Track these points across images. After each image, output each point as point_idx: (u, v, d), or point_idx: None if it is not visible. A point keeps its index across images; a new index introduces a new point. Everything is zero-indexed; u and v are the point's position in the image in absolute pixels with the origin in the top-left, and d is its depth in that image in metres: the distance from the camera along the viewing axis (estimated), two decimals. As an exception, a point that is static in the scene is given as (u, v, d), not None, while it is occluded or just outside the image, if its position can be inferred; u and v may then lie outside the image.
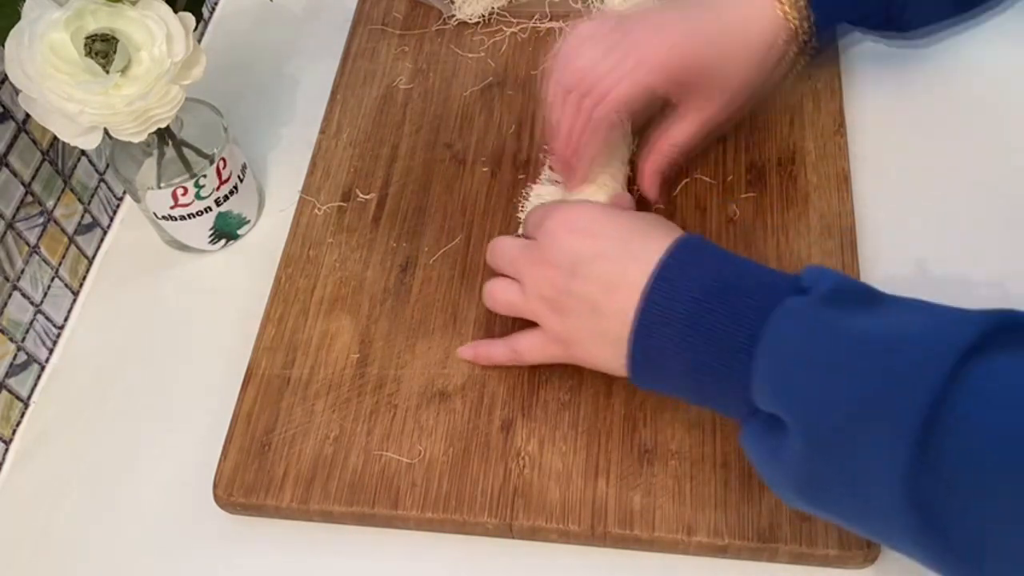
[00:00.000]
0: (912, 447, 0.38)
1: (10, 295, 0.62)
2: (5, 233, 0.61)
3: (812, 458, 0.42)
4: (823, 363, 0.42)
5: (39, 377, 0.65)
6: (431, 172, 0.68)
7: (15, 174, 0.62)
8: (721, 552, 0.52)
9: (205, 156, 0.64)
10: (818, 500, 0.44)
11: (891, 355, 0.40)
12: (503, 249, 0.57)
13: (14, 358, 0.63)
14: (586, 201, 0.58)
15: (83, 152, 0.69)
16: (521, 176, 0.67)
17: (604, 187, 0.60)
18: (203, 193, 0.64)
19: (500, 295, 0.56)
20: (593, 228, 0.52)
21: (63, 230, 0.67)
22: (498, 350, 0.58)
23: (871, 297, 0.45)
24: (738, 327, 0.45)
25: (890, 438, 0.39)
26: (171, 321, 0.66)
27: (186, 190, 0.63)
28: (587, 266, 0.51)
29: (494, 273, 0.57)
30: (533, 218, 0.56)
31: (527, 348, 0.56)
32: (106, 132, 0.56)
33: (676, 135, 0.61)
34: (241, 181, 0.67)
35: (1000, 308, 0.40)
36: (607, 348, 0.50)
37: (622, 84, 0.57)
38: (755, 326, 0.44)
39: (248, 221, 0.69)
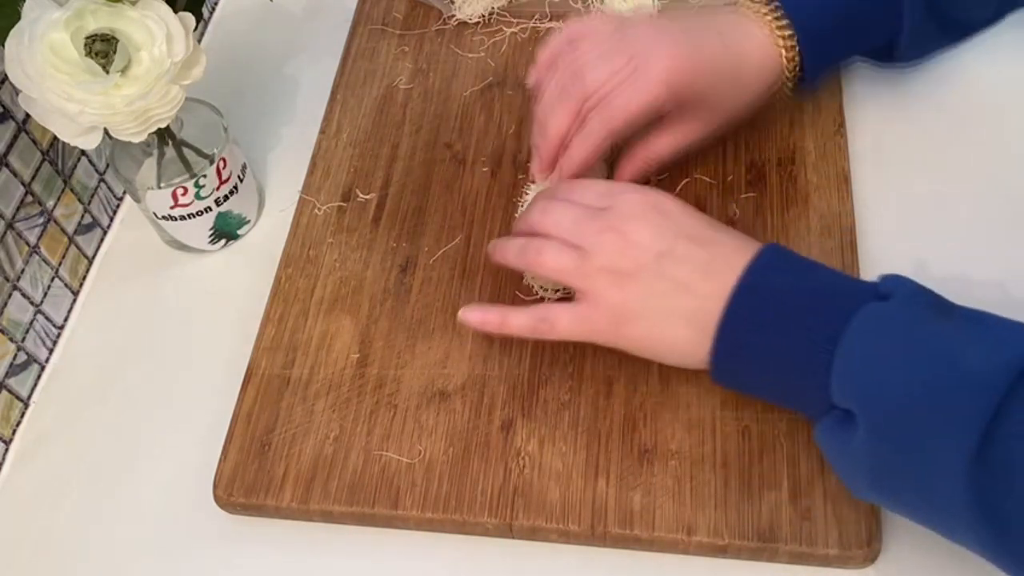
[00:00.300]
0: (975, 447, 0.40)
1: (10, 295, 0.62)
2: (5, 233, 0.61)
3: (879, 451, 0.44)
4: (896, 361, 0.44)
5: (39, 377, 0.65)
6: (431, 172, 0.68)
7: (15, 174, 0.62)
8: (721, 552, 0.52)
9: (205, 156, 0.64)
10: (887, 492, 0.46)
11: (960, 358, 0.42)
12: (560, 215, 0.54)
13: (14, 358, 0.63)
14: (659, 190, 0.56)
15: (83, 152, 0.69)
16: (521, 176, 0.67)
17: None
18: (203, 193, 0.64)
19: (551, 259, 0.53)
20: (685, 212, 0.53)
21: (63, 230, 0.67)
22: (519, 319, 0.54)
23: (944, 305, 0.47)
24: (824, 326, 0.47)
25: (955, 436, 0.41)
26: (171, 321, 0.66)
27: (186, 190, 0.63)
28: (684, 247, 0.51)
29: (493, 271, 0.57)
30: (593, 190, 0.55)
31: (564, 320, 0.53)
32: (106, 132, 0.56)
33: (659, 149, 0.61)
34: (241, 181, 0.67)
35: None
36: (684, 328, 0.51)
37: (629, 96, 0.56)
38: (838, 326, 0.46)
39: (248, 221, 0.69)
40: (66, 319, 0.68)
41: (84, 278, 0.70)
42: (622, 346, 0.54)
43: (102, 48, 0.53)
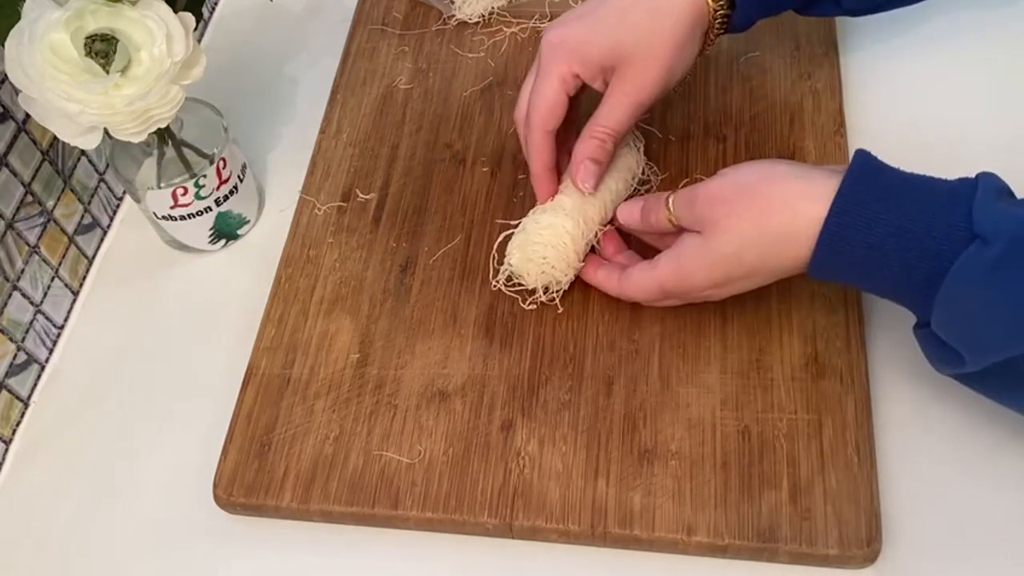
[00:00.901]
0: None
1: (10, 295, 0.62)
2: (5, 233, 0.61)
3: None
4: (1000, 321, 0.45)
5: (39, 377, 0.65)
6: (431, 172, 0.68)
7: (15, 174, 0.62)
8: (721, 552, 0.52)
9: (205, 156, 0.64)
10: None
11: None
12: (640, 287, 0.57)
13: (14, 358, 0.63)
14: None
15: (83, 152, 0.69)
16: (521, 176, 0.67)
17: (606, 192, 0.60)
18: (203, 193, 0.64)
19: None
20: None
21: (63, 230, 0.67)
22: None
23: None
24: (916, 271, 0.47)
25: None
26: (171, 321, 0.66)
27: (186, 190, 0.63)
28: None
29: (493, 271, 0.57)
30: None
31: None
32: (106, 132, 0.56)
33: (602, 117, 0.58)
34: (241, 181, 0.67)
35: None
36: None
37: (534, 98, 0.58)
38: (934, 271, 0.46)
39: (248, 221, 0.69)
40: (66, 319, 0.68)
41: (84, 278, 0.70)
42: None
43: (102, 48, 0.53)
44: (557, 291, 0.60)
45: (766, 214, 0.50)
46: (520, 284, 0.60)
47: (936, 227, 0.46)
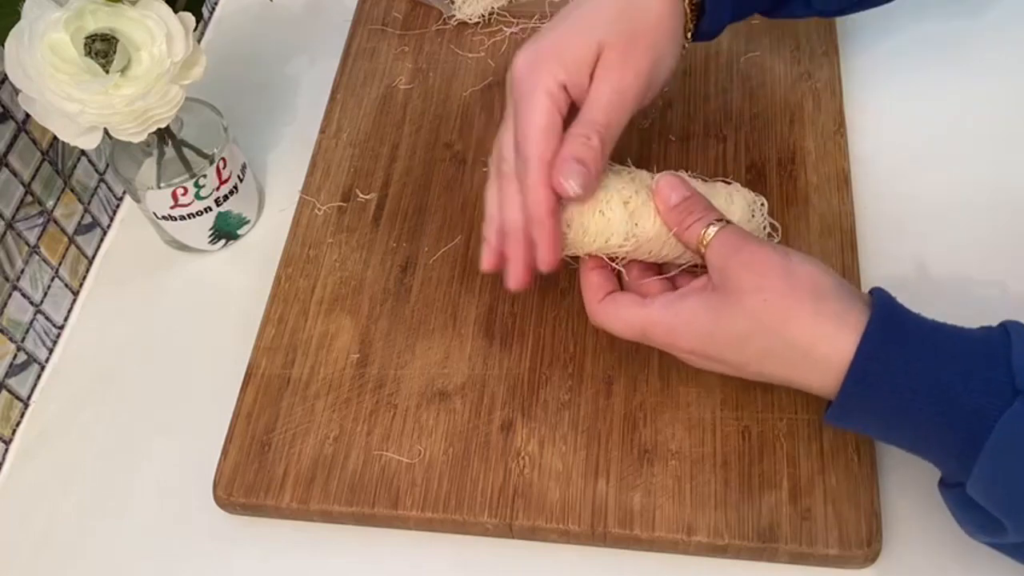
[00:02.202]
0: None
1: (10, 295, 0.62)
2: (5, 233, 0.61)
3: None
4: None
5: (39, 377, 0.65)
6: (431, 172, 0.68)
7: (15, 174, 0.62)
8: (721, 552, 0.52)
9: (205, 156, 0.64)
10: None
11: None
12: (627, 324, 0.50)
13: (14, 358, 0.63)
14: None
15: (83, 152, 0.69)
16: (521, 176, 0.67)
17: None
18: (203, 193, 0.64)
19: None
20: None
21: (63, 230, 0.67)
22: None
23: None
24: (954, 429, 0.43)
25: None
26: (171, 321, 0.66)
27: (186, 190, 0.63)
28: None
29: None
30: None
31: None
32: (106, 132, 0.56)
33: (584, 111, 0.51)
34: (241, 181, 0.67)
35: None
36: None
37: (523, 125, 0.50)
38: (974, 429, 0.42)
39: (248, 221, 0.69)
40: (66, 319, 0.68)
41: (84, 278, 0.70)
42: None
43: (102, 48, 0.53)
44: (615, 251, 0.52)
45: (792, 318, 0.45)
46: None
47: (973, 381, 0.42)
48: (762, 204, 0.54)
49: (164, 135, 0.62)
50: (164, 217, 0.65)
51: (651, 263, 0.53)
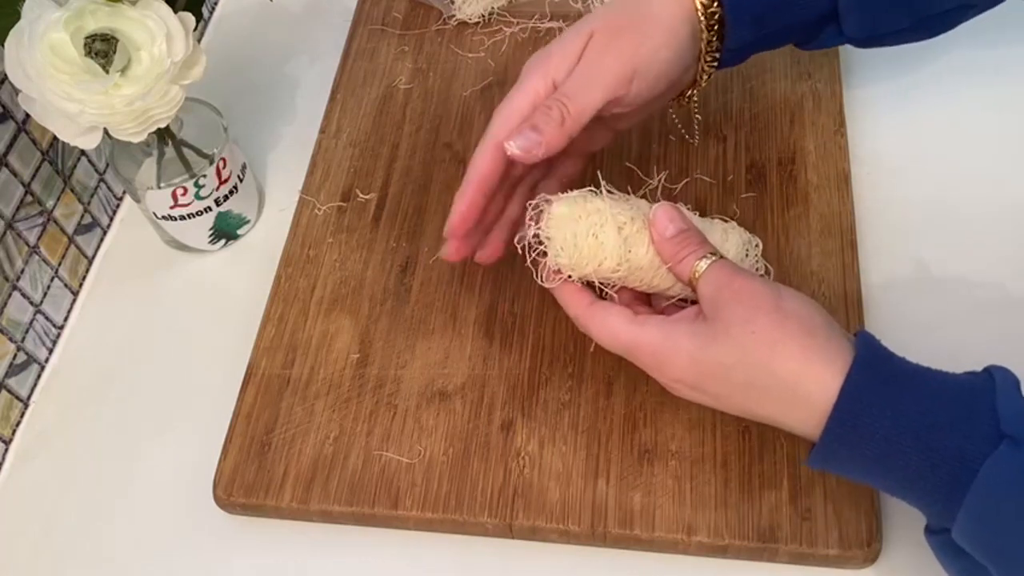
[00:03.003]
0: None
1: (10, 295, 0.62)
2: (5, 233, 0.61)
3: None
4: None
5: (39, 377, 0.65)
6: (431, 172, 0.68)
7: (15, 174, 0.62)
8: (721, 552, 0.52)
9: (205, 156, 0.64)
10: None
11: None
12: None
13: (14, 358, 0.63)
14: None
15: (83, 152, 0.69)
16: (521, 176, 0.67)
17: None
18: (203, 193, 0.64)
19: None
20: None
21: (63, 230, 0.67)
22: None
23: None
24: (938, 472, 0.42)
25: None
26: (171, 321, 0.66)
27: (186, 190, 0.63)
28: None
29: (493, 272, 0.57)
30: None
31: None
32: (106, 132, 0.56)
33: (562, 85, 0.52)
34: (241, 181, 0.67)
35: None
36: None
37: (500, 107, 0.53)
38: (958, 473, 0.42)
39: (248, 221, 0.69)
40: (66, 319, 0.68)
41: (84, 278, 0.70)
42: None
43: (102, 48, 0.53)
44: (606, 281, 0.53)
45: (780, 353, 0.45)
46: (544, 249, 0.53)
47: (958, 424, 0.42)
48: (757, 244, 0.55)
49: (164, 135, 0.62)
50: (164, 217, 0.65)
51: (641, 292, 0.53)
